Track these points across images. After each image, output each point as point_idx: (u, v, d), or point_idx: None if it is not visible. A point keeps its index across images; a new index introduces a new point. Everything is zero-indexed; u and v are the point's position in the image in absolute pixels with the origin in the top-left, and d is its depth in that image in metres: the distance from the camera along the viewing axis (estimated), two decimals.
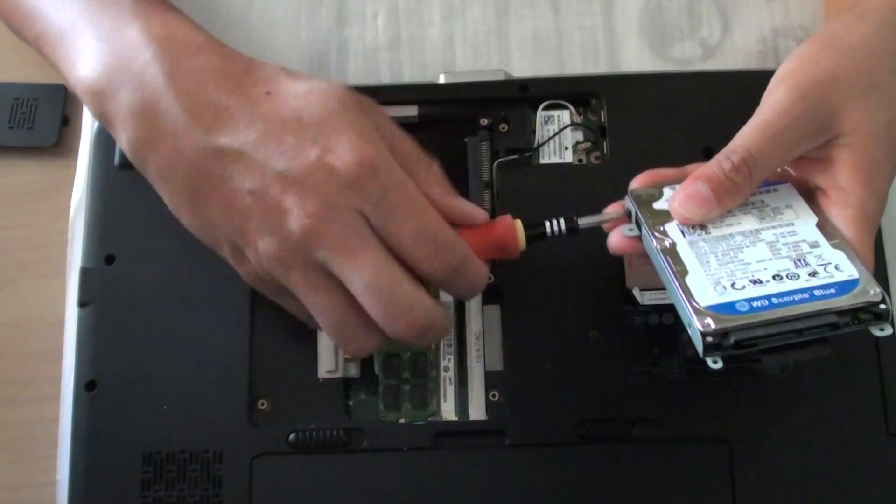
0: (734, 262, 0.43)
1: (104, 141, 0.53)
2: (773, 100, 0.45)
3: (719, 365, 0.41)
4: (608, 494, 0.48)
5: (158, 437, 0.48)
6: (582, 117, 0.55)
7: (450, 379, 0.51)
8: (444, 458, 0.48)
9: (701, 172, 0.45)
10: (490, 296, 0.51)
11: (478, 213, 0.46)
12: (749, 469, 0.48)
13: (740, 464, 0.48)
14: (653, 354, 0.50)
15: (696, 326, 0.41)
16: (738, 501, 0.47)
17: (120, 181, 0.53)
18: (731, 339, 0.41)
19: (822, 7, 0.58)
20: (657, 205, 0.46)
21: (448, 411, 0.50)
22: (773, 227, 0.45)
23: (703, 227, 0.45)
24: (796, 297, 0.42)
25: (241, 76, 0.45)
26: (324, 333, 0.50)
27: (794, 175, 0.47)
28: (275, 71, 0.46)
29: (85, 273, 0.51)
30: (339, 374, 0.50)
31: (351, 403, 0.50)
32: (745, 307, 0.42)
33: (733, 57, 0.58)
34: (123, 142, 0.46)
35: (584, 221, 0.47)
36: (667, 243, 0.45)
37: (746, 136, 0.45)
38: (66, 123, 0.58)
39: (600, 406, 0.49)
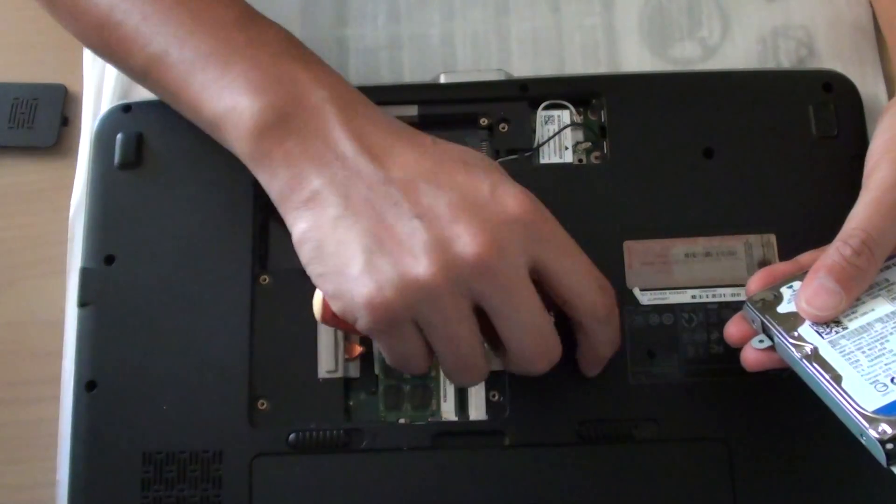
0: (884, 353, 0.41)
1: (104, 141, 0.53)
2: (880, 175, 0.43)
3: None
4: (608, 494, 0.48)
5: (158, 437, 0.48)
6: (582, 117, 0.55)
7: None
8: (444, 458, 0.48)
9: (821, 265, 0.43)
10: None
11: None
12: (749, 469, 0.48)
13: (740, 464, 0.48)
14: (653, 354, 0.50)
15: (872, 436, 0.39)
16: (738, 501, 0.47)
17: (120, 181, 0.53)
18: None
19: (822, 7, 0.58)
20: (781, 308, 0.44)
21: (448, 411, 0.50)
22: None
23: (836, 321, 0.43)
24: None
25: (405, 129, 0.46)
26: (323, 332, 0.50)
27: None
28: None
29: (85, 273, 0.51)
30: (339, 374, 0.50)
31: (351, 403, 0.50)
32: None
33: (733, 57, 0.58)
34: (282, 168, 0.45)
35: None
36: (808, 349, 0.42)
37: (860, 217, 0.43)
38: (66, 123, 0.58)
39: (600, 406, 0.49)
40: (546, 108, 0.55)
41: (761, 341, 0.44)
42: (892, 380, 0.40)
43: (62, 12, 0.51)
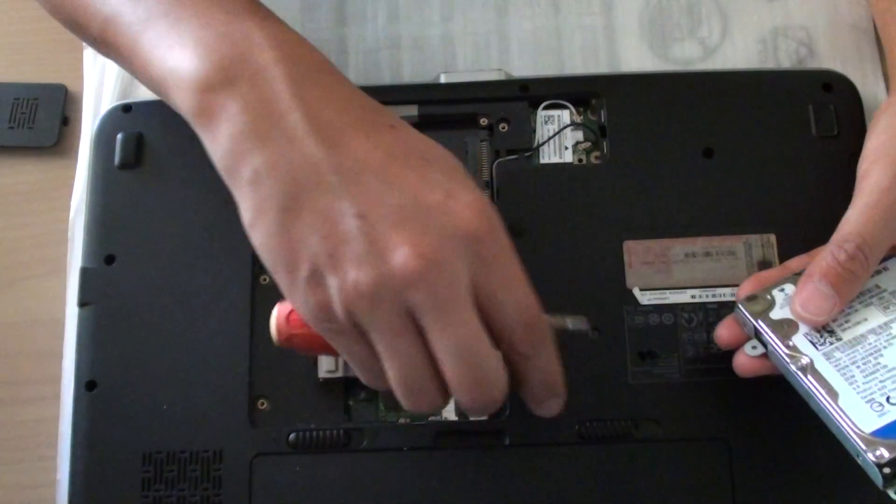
0: (878, 369, 0.41)
1: (104, 141, 0.53)
2: (873, 179, 0.44)
3: None
4: (608, 494, 0.48)
5: (158, 437, 0.48)
6: (582, 117, 0.55)
7: None
8: (444, 458, 0.48)
9: (816, 269, 0.43)
10: None
11: None
12: (749, 469, 0.48)
13: (740, 464, 0.48)
14: (653, 354, 0.50)
15: (870, 459, 0.39)
16: (738, 501, 0.47)
17: (120, 181, 0.53)
18: None
19: (822, 7, 0.58)
20: (774, 314, 0.44)
21: (448, 411, 0.50)
22: None
23: (830, 331, 0.43)
24: None
25: (365, 106, 0.42)
26: None
27: None
28: (397, 117, 0.43)
29: (85, 273, 0.51)
30: (339, 374, 0.50)
31: (351, 403, 0.50)
32: None
33: (733, 57, 0.58)
34: (223, 136, 0.41)
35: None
36: (803, 361, 0.42)
37: (854, 221, 0.43)
38: (66, 123, 0.58)
39: (600, 406, 0.49)
40: (546, 108, 0.55)
41: (754, 347, 0.44)
42: (887, 399, 0.40)
43: None
